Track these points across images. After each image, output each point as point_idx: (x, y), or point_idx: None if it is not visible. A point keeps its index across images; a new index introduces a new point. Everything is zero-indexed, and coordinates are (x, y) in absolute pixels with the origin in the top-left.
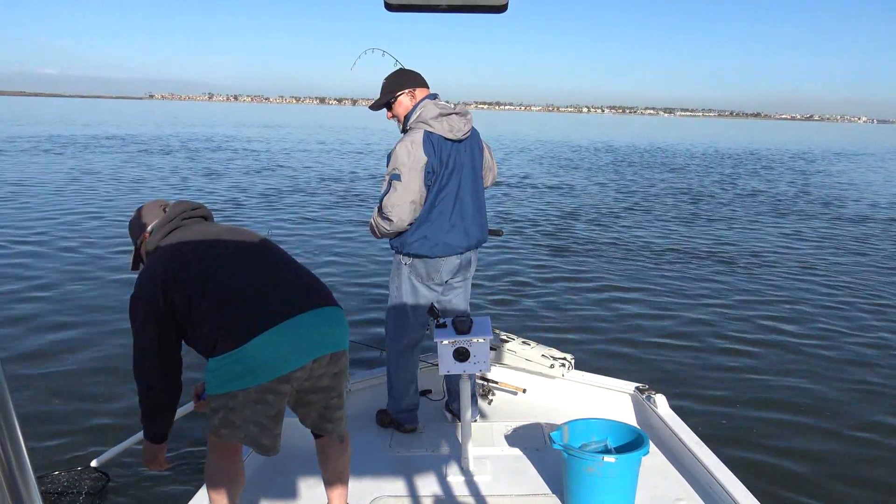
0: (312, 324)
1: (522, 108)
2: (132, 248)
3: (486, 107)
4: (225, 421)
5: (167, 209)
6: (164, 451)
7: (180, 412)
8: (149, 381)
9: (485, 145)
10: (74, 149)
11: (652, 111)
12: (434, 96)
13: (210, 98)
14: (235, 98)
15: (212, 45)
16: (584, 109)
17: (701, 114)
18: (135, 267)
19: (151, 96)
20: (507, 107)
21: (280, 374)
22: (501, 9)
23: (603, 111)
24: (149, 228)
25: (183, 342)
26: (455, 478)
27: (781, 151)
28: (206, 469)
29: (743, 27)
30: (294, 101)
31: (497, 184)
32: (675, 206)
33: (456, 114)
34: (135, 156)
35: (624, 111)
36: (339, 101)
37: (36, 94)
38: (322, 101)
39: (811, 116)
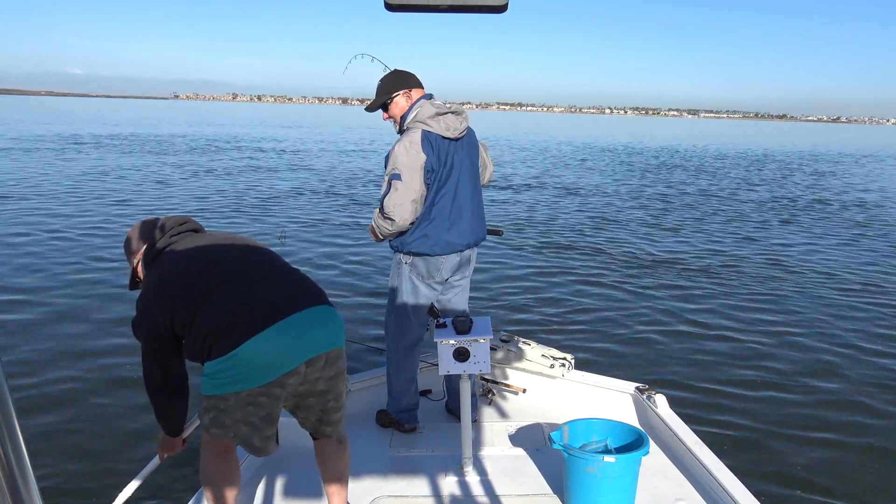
0: (302, 325)
1: (545, 109)
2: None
3: (507, 108)
4: (215, 421)
5: (157, 228)
6: (180, 442)
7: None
8: (156, 389)
9: (481, 144)
10: (101, 147)
11: (675, 112)
12: (429, 96)
13: (234, 98)
14: (259, 98)
15: (236, 46)
16: (607, 110)
17: (726, 115)
18: (133, 287)
19: (176, 96)
20: (529, 108)
21: (271, 378)
22: (501, 9)
23: (626, 112)
24: (144, 248)
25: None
26: (455, 478)
27: (807, 154)
28: (201, 467)
29: (767, 28)
30: (317, 102)
31: (509, 186)
32: (686, 211)
33: (452, 113)
34: (157, 155)
35: (647, 112)
36: (362, 101)
37: (63, 94)
38: (345, 101)
39: (838, 118)
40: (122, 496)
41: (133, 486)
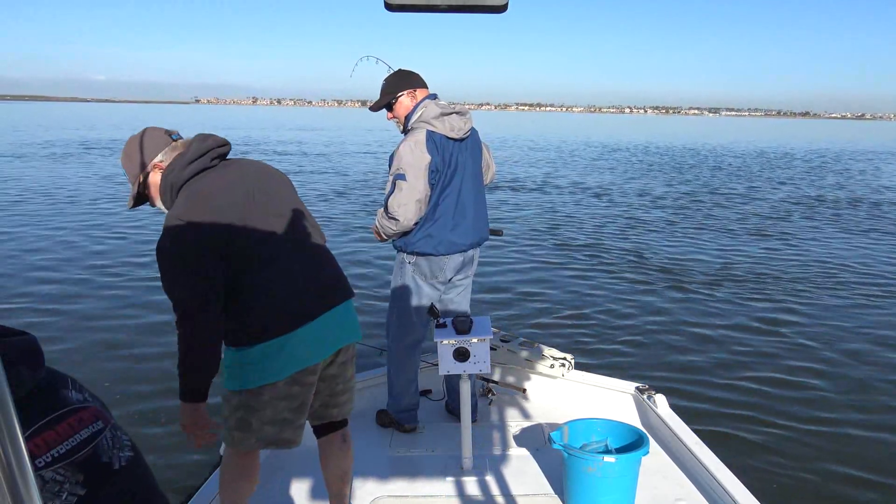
0: (338, 319)
1: (564, 108)
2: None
3: (526, 108)
4: (241, 422)
5: (191, 143)
6: (204, 410)
7: None
8: (201, 343)
9: (483, 144)
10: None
11: (696, 111)
12: (434, 96)
13: (254, 102)
14: (278, 102)
15: (256, 49)
16: (627, 110)
17: (747, 113)
18: (136, 204)
19: (197, 100)
20: (548, 108)
21: (307, 365)
22: (501, 9)
23: (646, 111)
24: (158, 159)
25: None
26: (455, 478)
27: (831, 152)
28: (223, 462)
29: (788, 24)
30: (336, 105)
31: (515, 186)
32: (694, 211)
33: (456, 113)
34: None
35: (667, 111)
36: None
37: (86, 100)
38: (363, 103)
39: (862, 115)
40: None
41: None
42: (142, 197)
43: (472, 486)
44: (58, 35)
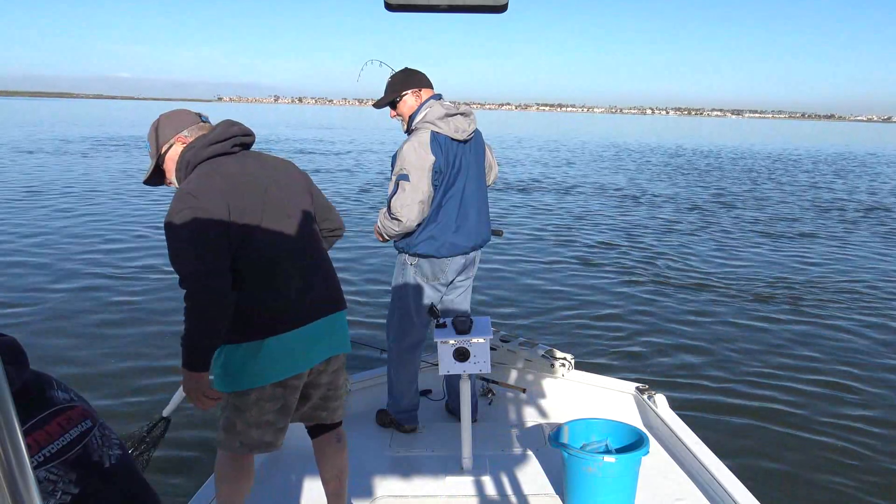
0: (328, 329)
1: (585, 109)
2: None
3: (547, 108)
4: (227, 423)
5: (216, 126)
6: (207, 378)
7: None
8: (200, 311)
9: (487, 145)
10: (139, 148)
11: (719, 113)
12: (439, 97)
13: (276, 100)
14: (300, 100)
15: (278, 48)
16: (648, 111)
17: (771, 115)
18: (150, 181)
19: (220, 99)
20: (569, 108)
21: (295, 372)
22: (501, 9)
23: (668, 113)
24: (183, 134)
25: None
26: (455, 478)
27: (855, 156)
28: (217, 461)
29: (813, 25)
30: (357, 104)
31: (518, 188)
32: (698, 213)
33: (461, 114)
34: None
35: (689, 113)
36: None
37: (112, 97)
38: None
39: (889, 118)
40: None
41: None
42: (158, 172)
43: (472, 486)
44: (84, 33)
